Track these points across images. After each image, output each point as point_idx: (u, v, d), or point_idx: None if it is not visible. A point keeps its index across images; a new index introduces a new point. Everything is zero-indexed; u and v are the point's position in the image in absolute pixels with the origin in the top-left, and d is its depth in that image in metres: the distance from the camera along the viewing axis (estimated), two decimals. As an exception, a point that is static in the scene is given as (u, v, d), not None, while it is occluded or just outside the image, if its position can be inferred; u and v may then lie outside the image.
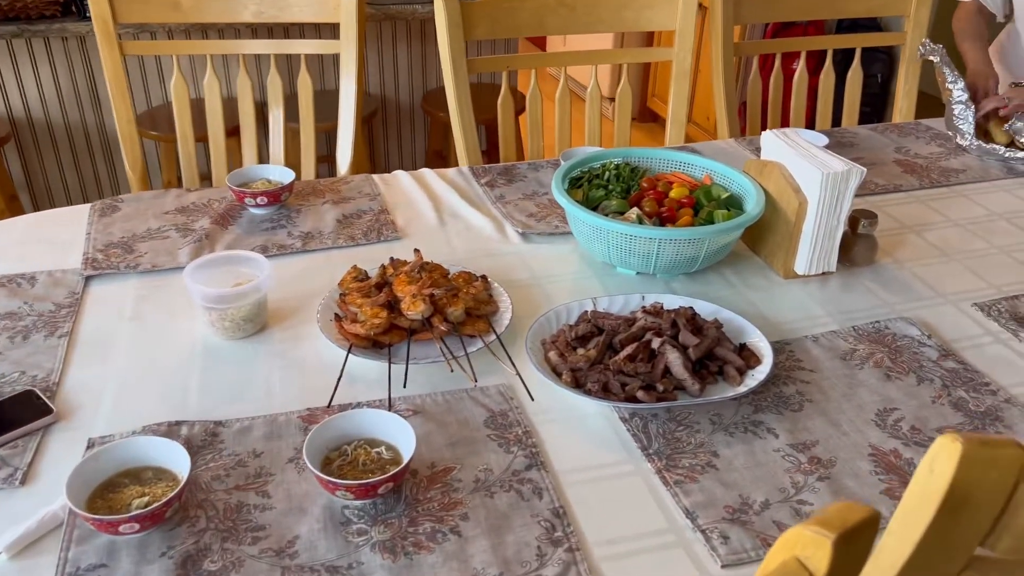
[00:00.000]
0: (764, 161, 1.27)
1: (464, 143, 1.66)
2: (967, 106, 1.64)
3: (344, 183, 1.50)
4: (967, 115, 1.64)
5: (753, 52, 1.87)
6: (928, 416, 0.95)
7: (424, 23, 2.45)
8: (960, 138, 1.67)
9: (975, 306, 1.17)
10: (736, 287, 1.21)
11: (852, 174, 1.15)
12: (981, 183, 1.55)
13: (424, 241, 1.32)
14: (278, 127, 1.76)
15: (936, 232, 1.37)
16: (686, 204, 1.27)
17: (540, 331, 1.06)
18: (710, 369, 1.00)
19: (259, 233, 1.33)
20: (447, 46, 1.59)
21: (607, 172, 1.34)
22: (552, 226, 1.36)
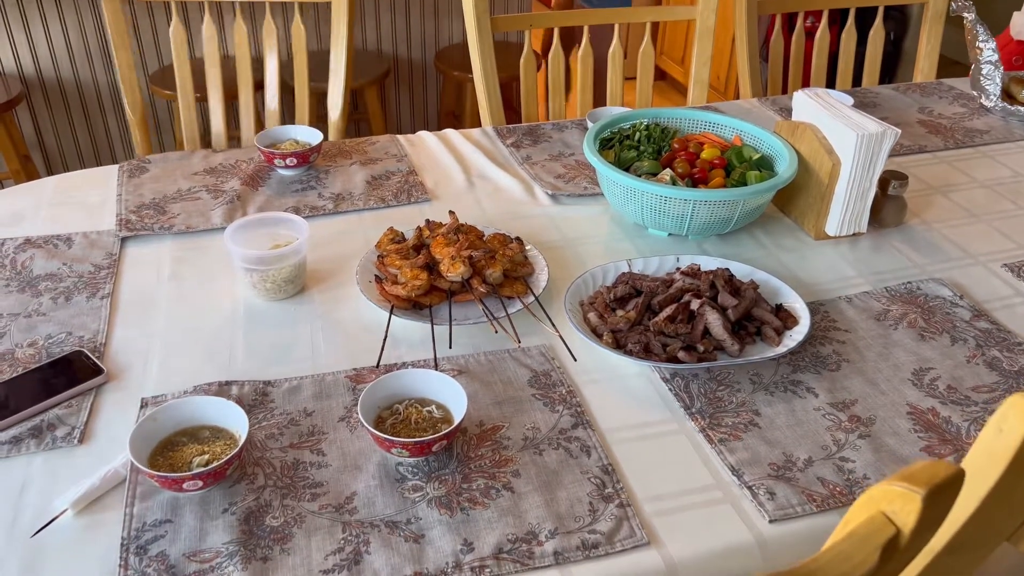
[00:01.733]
0: (796, 122, 1.27)
1: (488, 103, 1.65)
2: (996, 66, 1.63)
3: (370, 144, 1.50)
4: (995, 75, 1.63)
5: (776, 10, 1.85)
6: (963, 376, 0.97)
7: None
8: (986, 99, 1.66)
9: (1005, 267, 1.18)
10: (768, 248, 1.22)
11: (887, 136, 1.15)
12: (1006, 143, 1.55)
13: (454, 203, 1.32)
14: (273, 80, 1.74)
15: (963, 193, 1.38)
16: (718, 165, 1.27)
17: (577, 292, 1.07)
18: (748, 330, 1.02)
19: (290, 195, 1.33)
20: (471, 4, 1.58)
21: (638, 133, 1.34)
22: (581, 187, 1.37)
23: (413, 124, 2.70)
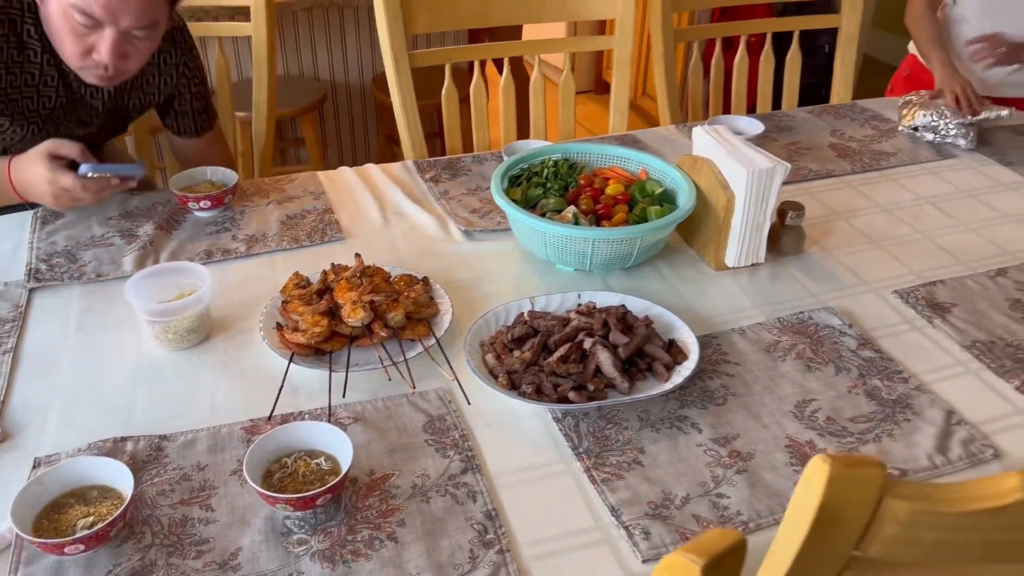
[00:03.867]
0: (695, 157, 1.31)
1: (409, 137, 1.68)
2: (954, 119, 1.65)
3: (288, 181, 1.52)
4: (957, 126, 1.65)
5: (694, 37, 1.89)
6: (843, 406, 1.01)
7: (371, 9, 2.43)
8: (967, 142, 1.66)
9: (895, 293, 1.22)
10: (669, 280, 1.26)
11: (777, 171, 1.19)
12: (910, 166, 1.60)
13: (368, 241, 1.35)
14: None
15: (863, 218, 1.43)
16: (621, 200, 1.31)
17: (479, 333, 1.10)
18: (639, 366, 1.05)
19: (204, 237, 1.34)
20: (388, 42, 1.60)
21: (546, 170, 1.37)
22: (495, 222, 1.39)
23: (354, 149, 2.72)
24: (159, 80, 1.45)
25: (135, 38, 1.24)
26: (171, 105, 1.51)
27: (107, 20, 1.19)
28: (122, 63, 1.25)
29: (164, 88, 1.47)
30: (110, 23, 1.20)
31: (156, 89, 1.46)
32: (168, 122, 1.55)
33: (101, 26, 1.20)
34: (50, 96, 1.34)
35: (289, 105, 2.34)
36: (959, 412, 1.00)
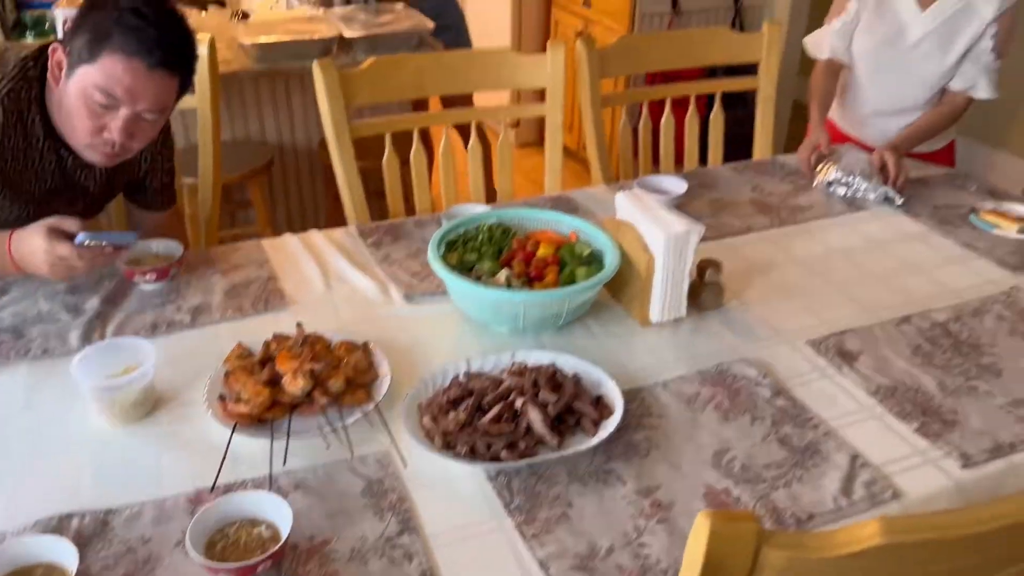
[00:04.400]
0: (619, 220, 1.39)
1: (352, 204, 1.74)
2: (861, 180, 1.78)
3: (234, 251, 1.57)
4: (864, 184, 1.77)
5: (621, 102, 2.01)
6: (757, 454, 1.08)
7: (315, 76, 2.52)
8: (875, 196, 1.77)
9: (808, 343, 1.31)
10: (599, 337, 1.33)
11: (692, 233, 1.28)
12: (824, 219, 1.71)
13: (311, 308, 1.40)
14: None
15: (779, 271, 1.52)
16: (552, 262, 1.38)
17: (417, 396, 1.15)
18: (568, 423, 1.11)
19: (150, 310, 1.38)
20: (328, 115, 1.67)
21: (481, 235, 1.44)
22: (435, 285, 1.46)
23: (302, 210, 2.78)
24: (141, 157, 1.56)
25: (144, 120, 1.35)
26: (145, 181, 1.61)
27: (126, 101, 1.31)
28: (129, 142, 1.36)
29: (144, 165, 1.58)
30: (128, 104, 1.31)
31: (138, 166, 1.57)
32: (138, 197, 1.64)
33: (117, 107, 1.31)
34: (47, 179, 1.44)
35: (236, 169, 2.39)
36: (863, 455, 1.08)
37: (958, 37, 1.87)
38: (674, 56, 2.03)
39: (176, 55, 1.34)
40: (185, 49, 1.37)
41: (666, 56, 2.02)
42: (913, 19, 1.89)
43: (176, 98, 1.40)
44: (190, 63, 1.39)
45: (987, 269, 1.53)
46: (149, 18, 1.29)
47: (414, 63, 1.78)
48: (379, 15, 2.55)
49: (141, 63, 1.29)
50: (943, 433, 1.12)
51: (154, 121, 1.37)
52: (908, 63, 1.93)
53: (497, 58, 1.85)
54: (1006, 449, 1.10)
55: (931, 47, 1.89)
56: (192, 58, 1.39)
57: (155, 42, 1.29)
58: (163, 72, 1.32)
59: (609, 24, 3.52)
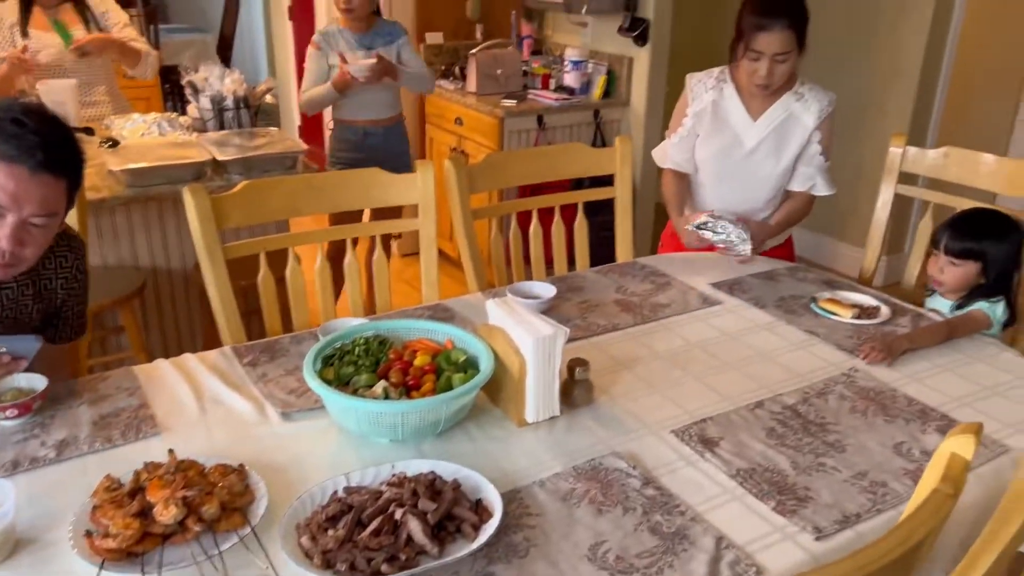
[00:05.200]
0: (491, 326, 1.46)
1: (227, 325, 1.74)
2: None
3: (101, 380, 1.53)
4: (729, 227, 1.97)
5: (491, 215, 2.12)
6: (630, 544, 1.13)
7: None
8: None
9: (672, 433, 1.39)
10: (478, 441, 1.37)
11: (558, 336, 1.36)
12: (682, 315, 1.84)
13: (184, 434, 1.37)
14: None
15: (644, 366, 1.62)
16: (429, 371, 1.42)
17: (295, 515, 1.15)
18: (449, 529, 1.13)
19: (10, 447, 1.32)
20: (200, 239, 1.69)
21: (357, 348, 1.47)
22: (312, 401, 1.46)
23: (178, 333, 2.72)
24: (57, 283, 1.55)
25: (33, 226, 1.36)
26: (60, 311, 1.59)
27: (11, 208, 1.32)
28: (20, 250, 1.36)
29: (61, 293, 1.57)
30: (14, 211, 1.32)
31: (54, 294, 1.56)
32: (50, 330, 1.61)
33: (4, 215, 1.32)
34: None
35: (107, 295, 2.34)
36: (727, 537, 1.15)
37: (788, 143, 2.10)
38: (537, 171, 2.17)
39: (58, 157, 1.36)
40: (67, 151, 1.39)
41: (529, 171, 2.16)
42: (746, 129, 2.10)
43: (67, 202, 1.41)
44: (75, 165, 1.41)
45: (828, 353, 1.67)
46: (29, 125, 1.32)
47: (286, 185, 1.83)
48: (253, 139, 2.61)
49: (23, 168, 1.31)
50: (797, 509, 1.21)
51: (45, 227, 1.38)
52: (747, 168, 2.13)
53: (366, 178, 1.93)
54: (853, 520, 1.19)
55: (766, 153, 2.11)
56: (77, 160, 1.41)
57: (36, 146, 1.31)
58: (47, 175, 1.33)
59: (480, 140, 3.71)
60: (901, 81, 3.75)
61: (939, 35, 3.64)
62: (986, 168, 2.13)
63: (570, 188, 2.85)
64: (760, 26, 1.92)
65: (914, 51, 3.66)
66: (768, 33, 1.92)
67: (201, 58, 6.32)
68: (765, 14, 1.92)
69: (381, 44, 3.07)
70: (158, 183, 2.32)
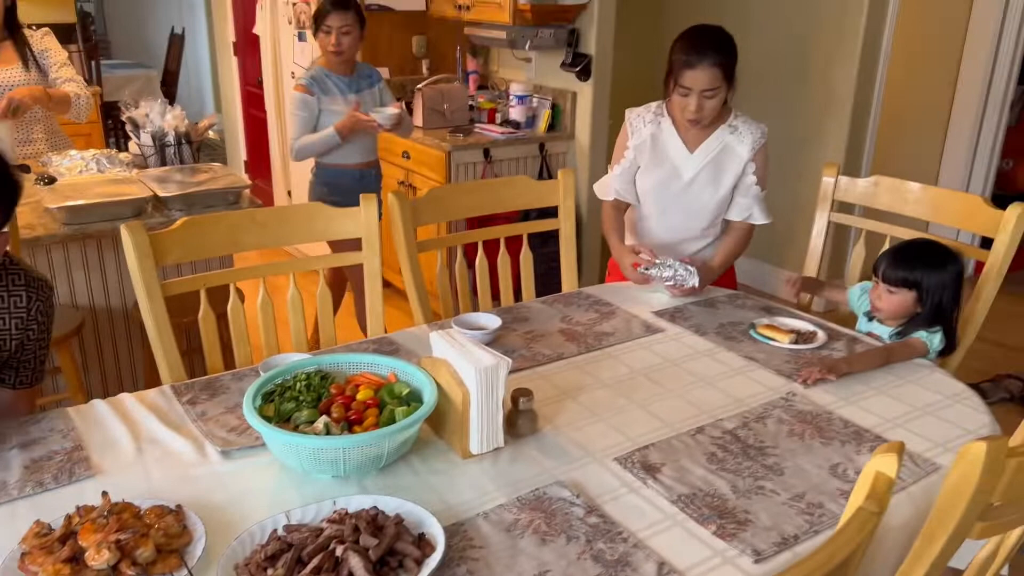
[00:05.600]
0: (434, 358, 1.46)
1: (166, 363, 1.71)
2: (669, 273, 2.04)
3: (33, 423, 1.49)
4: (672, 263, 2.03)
5: (436, 247, 2.12)
6: (574, 572, 1.13)
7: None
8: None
9: (615, 460, 1.40)
10: (421, 474, 1.36)
11: (500, 366, 1.37)
12: (627, 343, 1.86)
13: (120, 475, 1.34)
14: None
15: (588, 394, 1.63)
16: (371, 405, 1.41)
17: (233, 556, 1.12)
18: (391, 565, 1.12)
19: (-67, 495, 1.27)
20: (139, 276, 1.66)
21: (298, 383, 1.46)
22: (253, 439, 1.44)
23: (118, 371, 2.66)
24: (11, 323, 1.52)
25: None
26: (15, 355, 1.56)
27: None
28: None
29: (16, 334, 1.53)
30: None
31: (8, 335, 1.53)
32: (5, 373, 1.57)
33: None
34: None
35: (42, 335, 2.27)
36: (669, 562, 1.16)
37: (724, 174, 2.15)
38: (482, 203, 2.19)
39: None
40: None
41: (475, 203, 2.18)
42: (684, 160, 2.16)
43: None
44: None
45: (767, 378, 1.71)
46: None
47: (227, 221, 1.81)
48: (195, 175, 2.58)
49: None
50: (737, 532, 1.23)
51: None
52: (686, 198, 2.18)
53: (310, 212, 1.92)
54: (791, 541, 1.21)
55: (703, 183, 2.16)
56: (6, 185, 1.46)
57: None
58: None
59: (427, 174, 3.73)
60: (835, 114, 3.89)
61: (869, 69, 3.79)
62: (913, 196, 2.21)
63: (518, 220, 2.89)
64: (688, 63, 1.98)
65: (846, 84, 3.81)
66: (695, 70, 1.98)
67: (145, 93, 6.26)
68: (692, 52, 1.98)
69: (366, 87, 3.08)
70: (96, 220, 2.28)
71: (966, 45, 4.16)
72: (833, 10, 3.79)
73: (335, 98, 2.99)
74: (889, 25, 3.74)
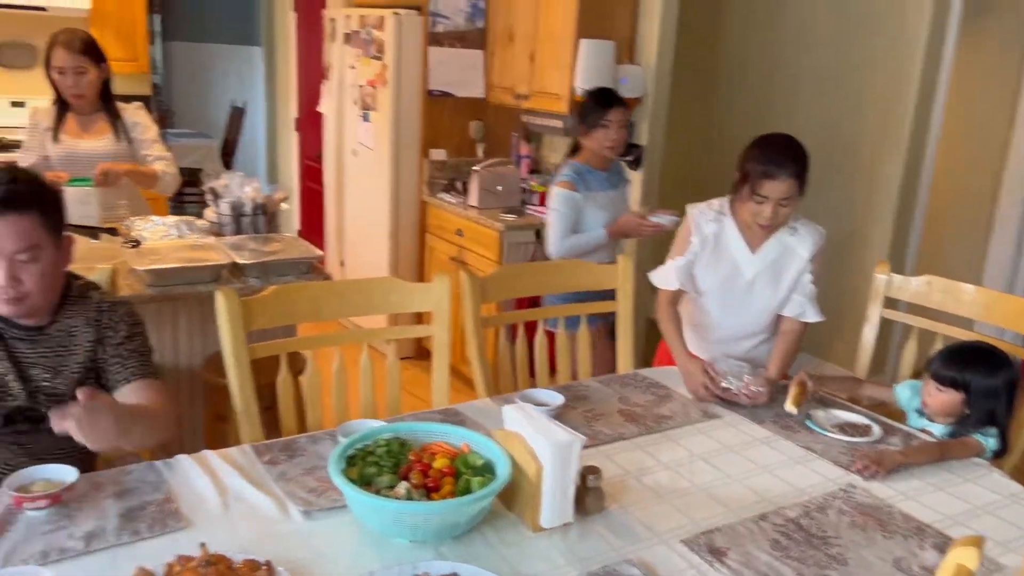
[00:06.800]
0: (507, 431, 1.53)
1: (248, 424, 1.79)
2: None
3: (125, 474, 1.57)
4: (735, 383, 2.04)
5: (499, 323, 2.21)
6: (647, 648, 1.17)
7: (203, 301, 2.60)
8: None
9: (682, 542, 1.45)
10: (494, 545, 1.41)
11: (575, 443, 1.43)
12: (684, 427, 1.91)
13: (209, 528, 1.41)
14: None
15: (651, 475, 1.68)
16: (448, 473, 1.48)
17: (322, 612, 1.18)
18: (472, 630, 1.17)
19: (38, 537, 1.35)
20: (229, 339, 1.77)
21: (379, 449, 1.53)
22: (332, 500, 1.51)
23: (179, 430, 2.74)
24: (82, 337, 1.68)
25: (22, 261, 1.54)
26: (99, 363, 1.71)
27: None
28: (18, 286, 1.55)
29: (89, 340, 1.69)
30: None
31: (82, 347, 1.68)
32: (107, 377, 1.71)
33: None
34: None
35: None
36: (740, 643, 1.19)
37: (784, 275, 2.21)
38: (544, 284, 2.29)
39: (19, 197, 1.53)
40: (30, 190, 1.56)
41: (538, 284, 2.28)
42: (746, 260, 2.22)
43: (49, 233, 1.57)
44: (40, 200, 1.57)
45: (825, 468, 1.75)
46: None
47: (310, 291, 1.92)
48: (267, 244, 2.71)
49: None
50: (805, 618, 1.26)
51: (35, 260, 1.55)
52: (746, 297, 2.24)
53: (385, 286, 2.03)
54: (859, 630, 1.24)
55: (764, 283, 2.22)
56: (44, 196, 1.59)
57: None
58: (13, 215, 1.52)
59: (480, 251, 3.85)
60: (880, 208, 3.97)
61: (915, 164, 3.88)
62: (967, 297, 2.27)
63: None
64: (767, 173, 2.03)
65: (892, 179, 3.90)
66: (774, 181, 2.03)
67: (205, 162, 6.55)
68: (772, 162, 2.03)
69: (620, 183, 3.07)
70: (178, 283, 2.41)
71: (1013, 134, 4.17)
72: (879, 105, 3.91)
73: (596, 195, 2.93)
74: (935, 121, 3.84)
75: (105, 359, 1.71)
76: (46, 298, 1.62)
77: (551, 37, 3.75)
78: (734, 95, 4.69)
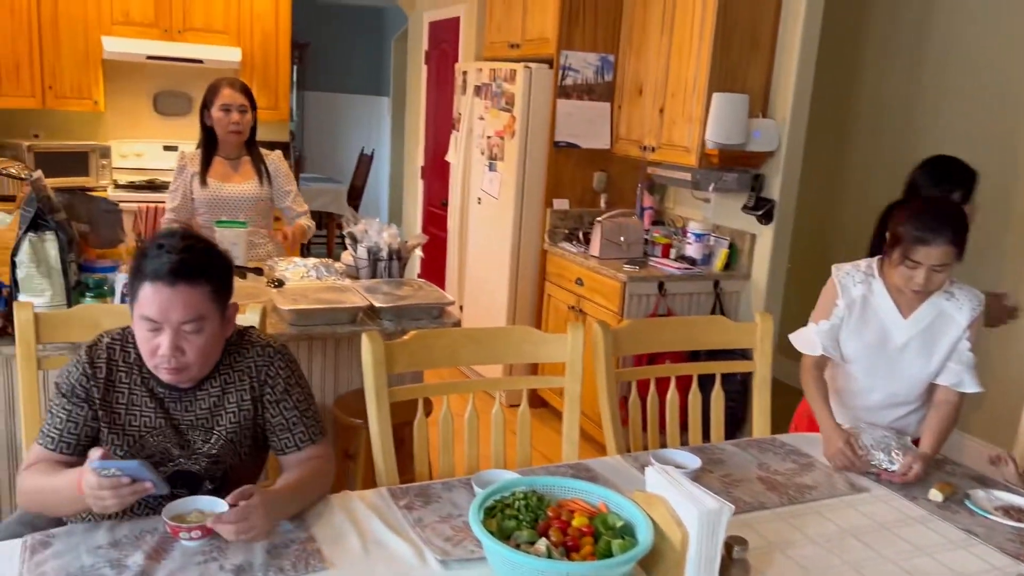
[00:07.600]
0: (649, 494, 1.48)
1: (384, 467, 1.82)
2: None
3: (271, 510, 1.61)
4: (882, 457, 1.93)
5: (631, 378, 2.18)
6: None
7: (338, 340, 2.69)
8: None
9: (837, 625, 1.36)
10: (634, 611, 1.37)
11: (723, 511, 1.38)
12: (830, 499, 1.81)
13: (350, 571, 1.43)
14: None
15: (798, 550, 1.59)
16: (587, 533, 1.44)
17: (465, 668, 1.16)
18: None
19: (192, 567, 1.40)
20: (372, 381, 1.81)
21: (517, 502, 1.51)
22: (468, 551, 1.50)
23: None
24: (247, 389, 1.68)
25: (186, 332, 1.54)
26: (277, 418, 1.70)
27: (162, 319, 1.52)
28: (180, 356, 1.55)
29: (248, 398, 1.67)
30: (165, 321, 1.52)
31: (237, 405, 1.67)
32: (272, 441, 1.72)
33: (161, 327, 1.53)
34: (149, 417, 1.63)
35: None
36: None
37: (939, 342, 2.08)
38: (678, 339, 2.24)
39: (191, 269, 1.53)
40: (201, 260, 1.56)
41: (671, 339, 2.23)
42: (896, 325, 2.10)
43: (216, 305, 1.57)
44: (212, 272, 1.57)
45: (990, 555, 1.61)
46: (166, 246, 1.53)
47: (449, 337, 1.95)
48: (400, 288, 2.78)
49: (163, 284, 1.51)
50: None
51: (196, 331, 1.54)
52: (897, 365, 2.11)
53: (520, 335, 2.03)
54: None
55: (916, 351, 2.09)
56: (216, 267, 1.59)
57: (171, 263, 1.51)
58: (184, 285, 1.52)
59: (600, 302, 3.83)
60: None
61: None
62: None
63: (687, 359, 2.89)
64: (922, 240, 1.92)
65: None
66: (929, 247, 1.92)
67: (333, 206, 6.84)
68: (927, 229, 1.92)
69: None
70: (318, 323, 2.49)
71: None
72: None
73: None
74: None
75: (266, 419, 1.70)
76: (207, 366, 1.62)
77: (682, 90, 3.74)
78: (868, 149, 4.53)
